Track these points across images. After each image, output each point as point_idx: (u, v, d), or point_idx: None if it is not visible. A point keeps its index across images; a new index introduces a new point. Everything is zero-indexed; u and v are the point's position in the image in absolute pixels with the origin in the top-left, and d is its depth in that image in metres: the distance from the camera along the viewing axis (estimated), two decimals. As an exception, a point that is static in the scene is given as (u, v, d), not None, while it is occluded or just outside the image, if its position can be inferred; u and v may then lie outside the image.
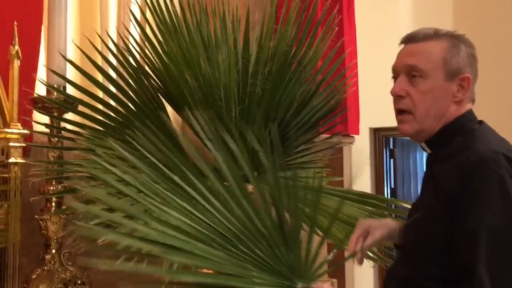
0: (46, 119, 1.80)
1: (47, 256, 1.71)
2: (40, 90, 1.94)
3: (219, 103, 1.68)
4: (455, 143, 1.22)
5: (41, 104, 1.72)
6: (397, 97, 1.25)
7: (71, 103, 1.74)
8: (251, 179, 1.17)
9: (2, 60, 1.71)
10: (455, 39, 1.26)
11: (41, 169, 1.67)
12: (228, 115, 1.71)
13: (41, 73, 1.95)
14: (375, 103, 3.02)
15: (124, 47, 1.84)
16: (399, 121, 1.26)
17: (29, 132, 1.72)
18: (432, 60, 1.23)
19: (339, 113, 2.05)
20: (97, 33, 1.78)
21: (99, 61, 1.84)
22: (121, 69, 1.82)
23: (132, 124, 1.79)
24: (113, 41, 1.84)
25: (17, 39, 1.69)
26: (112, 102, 1.80)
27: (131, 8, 2.09)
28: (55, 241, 1.72)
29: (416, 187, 4.35)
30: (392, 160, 4.22)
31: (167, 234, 1.05)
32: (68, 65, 1.77)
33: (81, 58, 1.82)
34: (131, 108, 1.80)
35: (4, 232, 1.57)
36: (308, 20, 1.89)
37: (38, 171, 1.65)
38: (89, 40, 1.75)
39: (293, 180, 1.97)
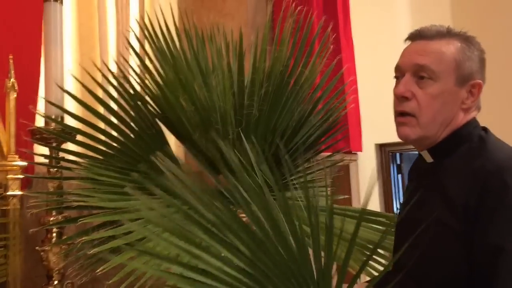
0: (46, 150, 1.80)
1: (49, 288, 1.70)
2: (41, 121, 1.95)
3: (215, 126, 1.67)
4: (463, 150, 1.12)
5: (40, 135, 1.72)
6: (401, 98, 1.14)
7: (69, 133, 1.75)
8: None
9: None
10: (468, 40, 1.15)
11: (41, 200, 1.67)
12: (225, 138, 1.71)
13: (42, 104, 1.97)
14: (379, 119, 2.99)
15: (122, 75, 1.86)
16: (399, 123, 1.16)
17: (26, 164, 1.73)
18: (445, 61, 1.11)
19: (339, 130, 2.03)
20: (94, 64, 1.78)
21: (98, 90, 1.85)
22: (119, 97, 1.83)
23: (131, 151, 1.81)
24: (110, 70, 1.85)
25: (13, 72, 1.71)
26: (111, 131, 1.80)
27: (127, 37, 2.13)
28: (56, 272, 1.71)
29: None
30: (400, 175, 4.18)
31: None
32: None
33: (81, 88, 1.83)
34: (130, 135, 1.81)
35: (5, 266, 1.56)
36: (302, 39, 1.89)
37: (38, 202, 1.65)
38: (86, 71, 1.76)
39: (295, 200, 1.96)
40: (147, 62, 1.95)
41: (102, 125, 1.81)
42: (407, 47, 1.18)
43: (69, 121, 1.85)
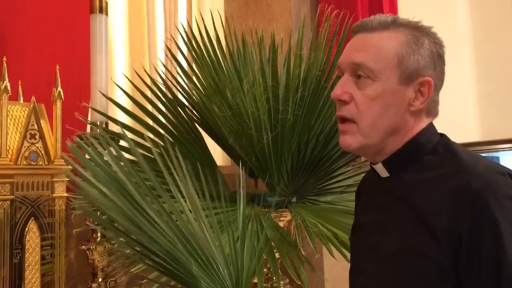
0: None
1: (94, 285, 1.79)
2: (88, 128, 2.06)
3: (248, 132, 1.70)
4: (427, 163, 0.97)
5: (85, 141, 1.82)
6: (338, 101, 1.00)
7: (112, 139, 1.84)
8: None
9: (48, 101, 1.85)
10: (417, 31, 0.99)
11: (86, 202, 1.76)
12: (259, 142, 1.73)
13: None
14: (437, 120, 2.91)
15: (162, 82, 1.93)
16: (340, 132, 1.01)
17: (71, 168, 1.83)
18: (384, 57, 0.97)
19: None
20: (136, 72, 1.86)
21: (139, 97, 1.93)
22: (159, 103, 1.91)
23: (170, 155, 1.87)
24: (151, 77, 1.93)
25: (59, 81, 1.82)
26: (151, 135, 1.88)
27: (169, 45, 2.20)
28: (101, 270, 1.80)
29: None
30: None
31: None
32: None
33: (124, 95, 1.92)
34: (170, 140, 1.87)
35: (51, 264, 1.67)
36: (339, 44, 1.88)
37: (82, 203, 1.74)
38: (129, 80, 1.85)
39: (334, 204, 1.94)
40: (189, 69, 2.02)
41: (144, 130, 1.89)
42: (350, 42, 1.03)
43: (114, 127, 1.94)
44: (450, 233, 0.87)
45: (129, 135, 1.86)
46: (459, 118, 2.88)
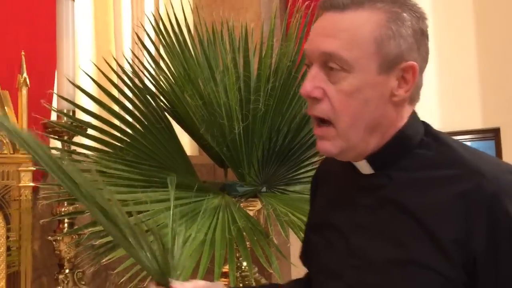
0: (58, 144, 1.86)
1: (61, 276, 1.76)
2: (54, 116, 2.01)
3: (220, 121, 1.70)
4: (420, 158, 0.85)
5: (52, 129, 1.78)
6: (309, 99, 0.85)
7: (80, 127, 1.80)
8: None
9: (13, 88, 1.79)
10: (396, 5, 0.82)
11: (53, 192, 1.72)
12: (231, 132, 1.73)
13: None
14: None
15: (132, 70, 1.90)
16: (317, 137, 0.88)
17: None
18: (359, 44, 0.80)
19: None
20: (104, 59, 1.82)
21: (109, 84, 1.89)
22: (129, 92, 1.88)
23: (140, 144, 1.85)
24: (120, 66, 1.89)
25: (24, 67, 1.76)
26: (121, 125, 1.85)
27: (139, 33, 2.17)
28: (68, 261, 1.77)
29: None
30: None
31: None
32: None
33: (92, 83, 1.88)
34: (139, 128, 1.85)
35: (17, 256, 1.63)
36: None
37: (49, 194, 1.71)
38: (97, 66, 1.81)
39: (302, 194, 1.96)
40: (158, 57, 1.99)
41: (112, 119, 1.86)
42: (316, 22, 0.86)
43: (82, 115, 1.90)
44: (461, 245, 0.76)
45: (97, 123, 1.82)
46: (420, 110, 2.96)
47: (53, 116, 1.99)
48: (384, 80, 0.82)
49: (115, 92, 1.89)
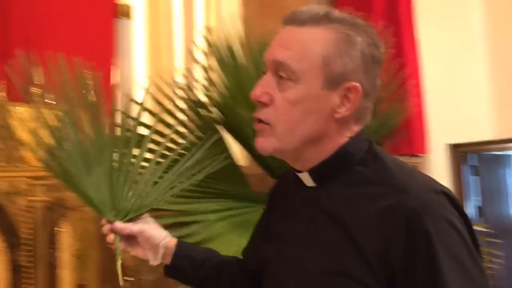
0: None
1: (123, 284, 1.83)
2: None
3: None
4: (358, 175, 0.88)
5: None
6: (258, 102, 0.90)
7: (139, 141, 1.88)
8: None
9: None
10: (352, 29, 0.88)
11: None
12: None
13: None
14: (451, 119, 2.94)
15: (185, 85, 1.97)
16: (256, 132, 0.93)
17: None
18: (308, 57, 0.86)
19: (399, 134, 2.01)
20: (159, 75, 1.90)
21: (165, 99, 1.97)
22: (183, 104, 1.95)
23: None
24: (174, 80, 1.96)
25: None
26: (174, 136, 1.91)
27: (192, 48, 2.24)
28: (130, 269, 1.84)
29: (506, 205, 4.10)
30: (475, 177, 4.01)
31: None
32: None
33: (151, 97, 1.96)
34: (192, 140, 1.91)
35: (83, 265, 1.71)
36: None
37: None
38: (154, 82, 1.88)
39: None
40: (211, 71, 2.06)
41: (167, 131, 1.93)
42: (277, 33, 0.93)
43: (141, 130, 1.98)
44: (382, 257, 0.81)
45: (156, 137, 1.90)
46: (473, 116, 2.89)
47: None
48: (326, 95, 0.88)
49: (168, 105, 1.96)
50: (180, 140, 1.91)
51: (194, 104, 1.94)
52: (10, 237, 1.77)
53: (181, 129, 1.92)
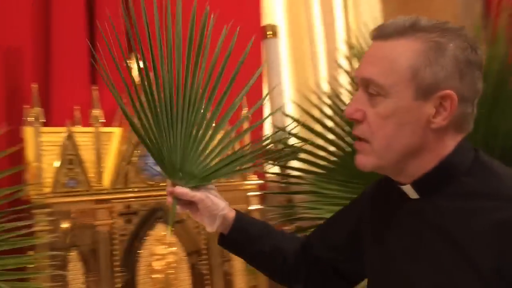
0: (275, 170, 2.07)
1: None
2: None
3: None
4: (465, 186, 0.86)
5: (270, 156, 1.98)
6: (352, 120, 0.91)
7: (293, 152, 1.96)
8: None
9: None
10: (441, 35, 0.86)
11: (276, 213, 1.92)
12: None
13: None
14: None
15: (334, 93, 2.01)
16: (356, 151, 0.93)
17: (263, 182, 2.00)
18: (396, 71, 0.86)
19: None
20: (307, 85, 1.96)
21: (313, 109, 2.03)
22: (333, 115, 1.99)
23: (349, 163, 1.93)
24: (323, 91, 2.01)
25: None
26: (329, 146, 1.96)
27: (336, 56, 2.27)
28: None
29: None
30: None
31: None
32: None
33: (299, 108, 2.05)
34: (346, 149, 1.94)
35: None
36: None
37: (273, 215, 1.91)
38: (302, 93, 1.95)
39: None
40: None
41: (321, 142, 1.99)
42: (367, 50, 0.94)
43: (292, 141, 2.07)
44: (499, 273, 0.78)
45: (308, 147, 1.97)
46: None
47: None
48: (420, 106, 0.86)
49: (315, 114, 2.02)
50: (331, 148, 1.96)
51: (341, 111, 1.97)
52: (190, 248, 1.98)
53: (332, 136, 1.97)
